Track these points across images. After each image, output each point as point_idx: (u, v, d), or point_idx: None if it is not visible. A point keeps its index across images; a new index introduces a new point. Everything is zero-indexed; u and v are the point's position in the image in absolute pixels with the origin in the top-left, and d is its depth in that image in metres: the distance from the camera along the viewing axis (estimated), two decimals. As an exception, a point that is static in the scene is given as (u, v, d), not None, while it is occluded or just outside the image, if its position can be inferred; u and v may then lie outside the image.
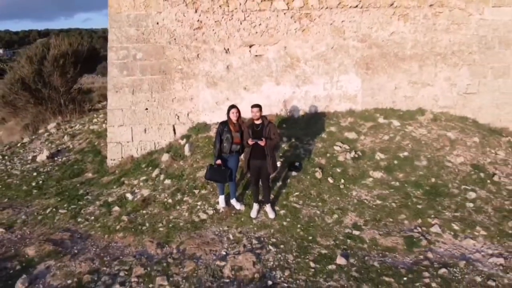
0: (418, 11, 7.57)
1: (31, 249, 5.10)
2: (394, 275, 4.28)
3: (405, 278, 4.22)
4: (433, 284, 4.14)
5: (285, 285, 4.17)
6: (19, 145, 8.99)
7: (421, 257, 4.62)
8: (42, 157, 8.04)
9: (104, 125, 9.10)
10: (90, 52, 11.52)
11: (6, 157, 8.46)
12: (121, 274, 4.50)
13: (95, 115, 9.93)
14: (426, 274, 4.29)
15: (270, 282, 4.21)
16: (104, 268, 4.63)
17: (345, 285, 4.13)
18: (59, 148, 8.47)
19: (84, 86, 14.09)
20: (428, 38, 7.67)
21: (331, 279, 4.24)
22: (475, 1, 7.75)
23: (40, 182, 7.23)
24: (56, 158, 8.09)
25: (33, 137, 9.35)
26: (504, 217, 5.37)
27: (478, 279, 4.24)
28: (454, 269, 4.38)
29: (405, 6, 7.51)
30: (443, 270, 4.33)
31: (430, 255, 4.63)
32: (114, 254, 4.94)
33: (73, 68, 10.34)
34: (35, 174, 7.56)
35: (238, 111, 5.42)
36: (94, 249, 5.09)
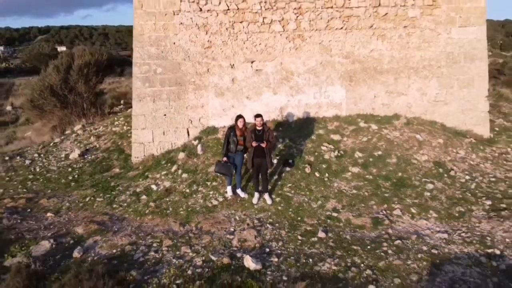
0: (394, 31, 8.93)
1: (80, 228, 6.50)
2: (361, 244, 5.69)
3: (368, 247, 5.63)
4: (389, 251, 5.54)
5: (279, 252, 5.58)
6: (51, 144, 10.38)
7: (383, 232, 6.03)
8: (74, 155, 9.42)
9: (125, 127, 10.49)
10: (109, 61, 12.89)
11: (42, 155, 9.84)
12: (154, 245, 5.90)
13: (115, 118, 11.32)
14: (385, 244, 5.70)
15: (267, 250, 5.61)
16: (140, 241, 6.03)
17: (323, 252, 5.54)
18: (87, 148, 9.85)
19: (107, 88, 15.39)
20: (403, 54, 9.04)
21: (313, 247, 5.64)
22: (444, 23, 9.12)
23: (76, 176, 8.63)
24: (86, 156, 9.47)
25: (62, 137, 10.74)
26: (453, 203, 6.77)
27: (424, 248, 5.65)
28: (407, 241, 5.79)
29: (382, 28, 8.87)
30: (398, 242, 5.74)
31: (390, 231, 6.04)
32: (146, 231, 6.34)
33: (95, 76, 11.71)
34: (70, 169, 8.96)
35: (244, 121, 6.80)
36: (130, 227, 6.49)
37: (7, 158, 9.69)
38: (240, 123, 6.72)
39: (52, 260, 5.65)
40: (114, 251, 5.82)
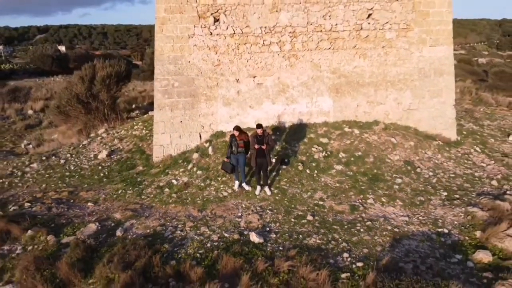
0: (373, 51, 10.57)
1: (117, 214, 8.13)
2: (340, 225, 7.34)
3: (345, 226, 7.28)
4: (361, 230, 7.20)
5: (276, 230, 7.22)
6: (80, 146, 11.99)
7: (358, 216, 7.68)
8: (102, 155, 11.04)
9: (143, 131, 12.11)
10: (127, 71, 14.50)
11: (74, 155, 11.46)
12: (179, 226, 7.53)
13: (134, 123, 12.92)
14: (358, 225, 7.35)
15: (267, 229, 7.26)
16: (168, 223, 7.66)
17: (311, 230, 7.19)
18: (112, 149, 11.46)
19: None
20: (381, 70, 10.68)
21: (303, 227, 7.29)
22: (416, 43, 10.77)
23: (106, 173, 10.26)
24: (112, 156, 11.09)
25: (89, 140, 12.34)
26: (416, 194, 8.43)
27: (389, 227, 7.31)
28: (376, 222, 7.45)
29: (364, 48, 10.51)
30: (369, 223, 7.40)
31: (363, 215, 7.69)
32: (171, 216, 7.97)
33: (116, 85, 13.31)
34: (100, 167, 10.57)
35: (239, 132, 8.36)
36: (157, 213, 8.12)
37: (44, 158, 11.30)
38: (236, 133, 8.33)
39: (100, 238, 7.28)
40: (148, 231, 7.45)
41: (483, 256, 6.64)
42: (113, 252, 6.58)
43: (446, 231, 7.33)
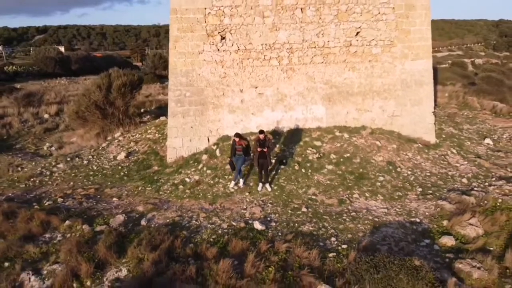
0: (361, 64, 11.98)
1: (140, 207, 9.50)
2: (329, 215, 8.74)
3: (334, 217, 8.68)
4: (347, 219, 8.60)
5: (276, 220, 8.61)
6: (100, 148, 13.34)
7: (345, 208, 9.08)
8: (121, 156, 12.40)
9: (156, 134, 13.48)
10: (139, 81, 15.86)
11: (95, 157, 12.82)
12: (194, 217, 8.91)
13: (147, 127, 14.28)
14: (345, 215, 8.75)
15: (268, 218, 8.65)
16: (184, 215, 9.04)
17: (305, 220, 8.58)
18: (129, 151, 12.82)
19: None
20: (368, 81, 12.09)
21: (298, 217, 8.69)
22: (399, 57, 12.18)
23: (126, 172, 11.62)
24: (130, 157, 12.45)
25: (107, 143, 13.70)
26: (395, 190, 9.84)
27: (370, 217, 8.72)
28: (359, 213, 8.85)
29: (353, 62, 11.91)
30: (353, 213, 8.80)
31: (349, 207, 9.10)
32: (187, 208, 9.35)
33: (130, 93, 14.67)
34: (119, 167, 11.94)
35: (239, 138, 9.72)
36: (174, 207, 9.49)
37: (68, 159, 12.65)
38: (236, 139, 9.70)
39: (128, 227, 8.65)
40: (168, 221, 8.83)
41: (447, 241, 8.06)
42: (141, 237, 7.95)
43: (418, 220, 8.75)
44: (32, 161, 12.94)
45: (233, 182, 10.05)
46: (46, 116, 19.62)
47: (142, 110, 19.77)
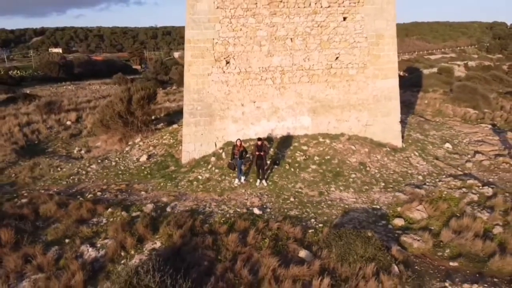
0: (340, 83, 14.68)
1: (164, 198, 12.14)
2: (311, 204, 11.42)
3: (314, 204, 11.37)
4: (324, 206, 11.29)
5: (270, 207, 11.29)
6: (124, 152, 15.95)
7: (323, 198, 11.76)
8: (143, 158, 15.01)
9: (171, 140, 16.10)
10: (154, 94, 18.49)
11: (121, 159, 15.41)
12: (207, 205, 11.55)
13: (162, 134, 16.89)
14: (323, 203, 11.44)
15: (265, 206, 11.32)
16: (199, 204, 11.68)
17: (292, 207, 11.26)
18: (149, 154, 15.43)
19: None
20: (346, 97, 14.79)
21: (288, 205, 11.37)
22: (371, 77, 14.89)
23: (148, 171, 14.23)
24: (150, 159, 15.06)
25: (129, 147, 16.31)
26: (364, 184, 12.54)
27: (342, 205, 11.40)
28: (334, 202, 11.53)
29: (333, 81, 14.61)
30: (329, 202, 11.50)
31: (327, 198, 11.78)
32: (201, 199, 11.99)
33: (147, 104, 17.29)
34: (143, 168, 14.54)
35: (240, 143, 12.36)
36: (191, 198, 12.12)
37: (99, 161, 15.26)
38: (238, 143, 12.33)
39: (157, 212, 11.27)
40: (187, 208, 11.47)
41: (398, 222, 10.77)
42: (169, 220, 10.59)
43: (378, 207, 11.46)
44: (68, 163, 15.53)
45: (237, 180, 12.70)
46: (68, 122, 22.14)
47: (153, 117, 22.34)
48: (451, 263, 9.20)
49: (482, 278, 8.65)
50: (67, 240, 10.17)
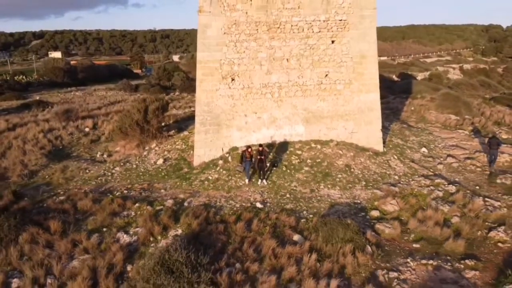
0: (329, 97, 17.10)
1: (181, 195, 14.51)
2: (303, 199, 13.83)
3: (306, 200, 13.78)
4: (315, 201, 13.70)
5: (270, 202, 13.69)
6: (142, 156, 18.29)
7: (314, 194, 14.18)
8: (160, 162, 17.37)
9: (183, 145, 18.46)
10: (167, 103, 20.89)
11: (140, 162, 17.76)
12: (217, 201, 13.94)
13: (175, 140, 19.24)
14: (314, 199, 13.86)
15: (265, 201, 13.72)
16: (211, 199, 14.05)
17: (288, 201, 13.66)
18: (165, 158, 17.78)
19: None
20: (334, 108, 17.20)
21: (284, 200, 13.78)
22: (356, 91, 17.31)
23: (165, 173, 16.58)
24: (166, 162, 17.41)
25: (146, 152, 18.66)
26: (348, 183, 14.95)
27: (329, 200, 13.83)
28: (323, 197, 13.95)
29: (323, 95, 17.02)
30: (319, 197, 13.92)
31: (317, 194, 14.20)
32: (212, 196, 14.35)
33: (162, 113, 19.66)
34: (160, 169, 16.89)
35: (250, 149, 14.76)
36: (204, 195, 14.49)
37: (122, 164, 17.62)
38: (249, 150, 14.73)
39: (177, 206, 13.62)
40: (201, 203, 13.83)
41: (374, 213, 13.17)
42: (187, 212, 12.94)
43: (359, 202, 13.86)
44: (94, 166, 17.87)
45: (247, 180, 15.06)
46: (86, 129, 24.45)
47: (163, 124, 24.70)
48: (414, 245, 11.62)
49: (437, 256, 11.05)
50: (104, 229, 12.51)
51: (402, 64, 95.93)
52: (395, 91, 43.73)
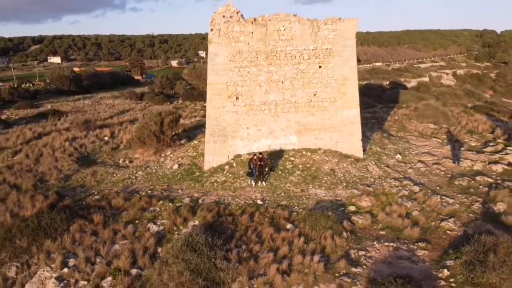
0: (317, 112, 20.45)
1: (196, 194, 17.79)
2: (295, 197, 17.16)
3: (298, 197, 17.11)
4: (304, 199, 17.03)
5: (268, 199, 16.99)
6: (160, 162, 21.53)
7: (304, 194, 17.51)
8: (175, 167, 20.63)
9: (194, 153, 21.74)
10: (179, 116, 24.17)
11: (158, 167, 21.00)
12: (225, 199, 17.22)
13: (187, 148, 22.49)
14: (303, 197, 17.19)
15: (265, 199, 17.02)
16: (220, 198, 17.33)
17: (283, 199, 16.98)
18: (179, 163, 21.03)
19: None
20: (322, 122, 20.55)
21: (279, 198, 17.09)
22: (340, 108, 20.67)
23: (180, 176, 19.84)
24: (180, 167, 20.66)
25: (163, 158, 21.90)
26: (332, 184, 18.29)
27: (316, 198, 17.13)
28: (311, 196, 17.26)
29: (312, 111, 20.37)
30: (308, 196, 17.23)
31: (306, 193, 17.52)
32: (221, 195, 17.64)
33: (175, 125, 22.94)
34: (176, 173, 20.15)
35: (256, 156, 18.07)
36: (214, 194, 17.76)
37: (143, 169, 20.85)
38: (255, 157, 18.04)
39: (194, 203, 16.88)
40: (212, 200, 17.09)
41: (352, 208, 16.50)
42: (203, 207, 16.22)
43: (340, 199, 17.19)
44: (119, 170, 21.10)
45: (253, 182, 18.33)
46: (106, 138, 27.67)
47: (173, 133, 27.97)
48: (380, 232, 14.93)
49: (397, 240, 14.36)
50: (136, 221, 15.73)
51: (397, 69, 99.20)
52: (383, 100, 47.15)
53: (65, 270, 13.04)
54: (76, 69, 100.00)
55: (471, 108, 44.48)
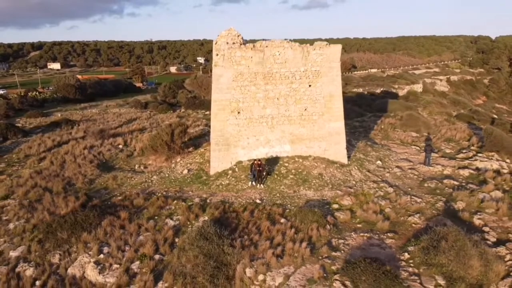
0: (308, 124, 23.75)
1: (204, 195, 21.02)
2: (288, 197, 20.41)
3: (291, 198, 20.37)
4: (296, 199, 20.29)
5: (266, 199, 20.24)
6: (171, 167, 24.72)
7: (296, 194, 20.76)
8: (185, 172, 23.84)
9: (201, 159, 24.96)
10: (187, 127, 27.42)
11: (170, 172, 24.19)
12: (230, 198, 20.44)
13: (194, 155, 25.69)
14: (295, 197, 20.45)
15: (263, 199, 20.26)
16: (225, 198, 20.55)
17: (278, 199, 20.24)
18: (188, 169, 24.23)
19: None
20: (312, 132, 23.84)
21: (275, 198, 20.33)
22: (327, 120, 23.98)
23: (190, 180, 23.04)
24: (189, 172, 23.87)
25: (173, 164, 25.10)
26: (319, 186, 21.57)
27: (306, 197, 20.41)
28: (302, 196, 20.52)
29: (303, 123, 23.66)
30: (299, 196, 20.49)
31: (298, 194, 20.78)
32: (225, 195, 20.86)
33: (184, 135, 26.16)
34: (186, 177, 23.35)
35: (256, 162, 21.34)
36: (219, 195, 20.97)
37: (158, 173, 24.06)
38: (255, 163, 21.30)
39: (203, 202, 20.10)
40: (219, 200, 20.31)
41: (335, 206, 19.77)
42: (211, 205, 19.44)
43: (326, 199, 20.45)
44: (136, 175, 24.28)
45: (254, 184, 21.56)
46: (120, 146, 30.87)
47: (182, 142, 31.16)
48: (357, 225, 18.19)
49: (371, 231, 17.60)
50: (156, 217, 18.91)
51: (391, 76, 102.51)
52: (373, 109, 50.49)
53: (101, 256, 16.14)
54: (79, 76, 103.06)
55: (454, 116, 47.82)
